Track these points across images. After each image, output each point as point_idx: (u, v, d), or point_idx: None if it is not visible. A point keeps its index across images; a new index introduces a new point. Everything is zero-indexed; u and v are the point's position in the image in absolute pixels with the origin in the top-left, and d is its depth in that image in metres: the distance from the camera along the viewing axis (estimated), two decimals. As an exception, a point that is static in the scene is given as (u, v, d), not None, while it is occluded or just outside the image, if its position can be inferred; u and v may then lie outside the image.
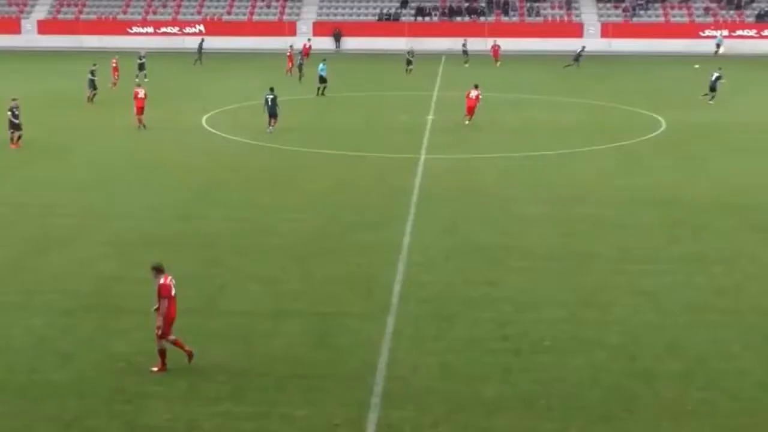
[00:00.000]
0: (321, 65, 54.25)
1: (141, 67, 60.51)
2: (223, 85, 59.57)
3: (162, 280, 16.91)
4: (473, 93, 44.30)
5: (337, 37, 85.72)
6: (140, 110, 41.93)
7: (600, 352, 18.03)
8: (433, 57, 74.61)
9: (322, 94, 53.59)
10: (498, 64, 70.98)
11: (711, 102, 51.53)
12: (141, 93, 42.18)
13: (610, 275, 22.51)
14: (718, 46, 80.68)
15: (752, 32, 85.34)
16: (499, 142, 40.28)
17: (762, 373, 17.17)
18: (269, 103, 41.15)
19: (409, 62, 65.44)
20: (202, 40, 74.06)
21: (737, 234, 26.13)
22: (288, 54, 66.05)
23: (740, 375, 17.06)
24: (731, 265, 23.32)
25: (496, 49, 73.97)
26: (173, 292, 17.00)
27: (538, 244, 25.09)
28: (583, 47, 72.05)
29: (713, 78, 52.34)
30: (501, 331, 18.99)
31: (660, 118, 46.07)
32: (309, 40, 77.33)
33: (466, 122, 43.91)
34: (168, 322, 16.91)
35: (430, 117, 46.75)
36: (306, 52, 68.78)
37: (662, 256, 24.08)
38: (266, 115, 41.26)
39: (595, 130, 43.04)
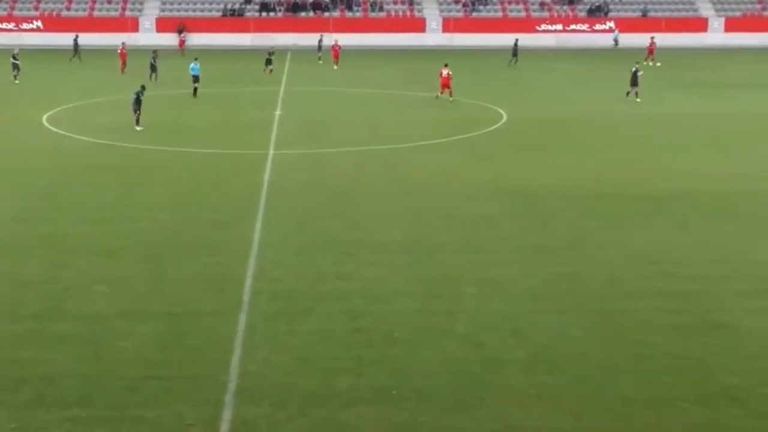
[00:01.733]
0: (193, 64, 52.44)
1: (15, 67, 57.87)
2: (63, 83, 57.94)
3: None
4: (444, 72, 49.79)
5: (182, 33, 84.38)
6: None
7: (449, 341, 18.46)
8: (279, 52, 74.33)
9: (194, 94, 51.68)
10: (335, 67, 67.31)
11: (638, 99, 50.62)
12: None
13: (458, 266, 23.02)
14: (615, 41, 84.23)
15: (584, 26, 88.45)
16: (348, 136, 40.58)
17: (601, 356, 17.90)
18: (135, 100, 40.65)
19: (268, 62, 63.60)
20: (77, 36, 71.27)
21: (578, 222, 27.08)
22: (119, 51, 62.70)
23: (581, 359, 17.75)
24: (573, 253, 24.18)
25: (336, 49, 68.50)
26: None
27: (388, 236, 25.43)
28: (517, 40, 71.67)
29: (633, 72, 51.17)
30: (353, 324, 19.22)
31: (501, 110, 47.23)
32: (182, 33, 76.45)
33: (450, 100, 49.38)
34: None
35: (278, 112, 46.69)
36: (181, 45, 69.29)
37: (509, 246, 24.76)
38: (132, 113, 40.88)
39: (441, 123, 43.80)
